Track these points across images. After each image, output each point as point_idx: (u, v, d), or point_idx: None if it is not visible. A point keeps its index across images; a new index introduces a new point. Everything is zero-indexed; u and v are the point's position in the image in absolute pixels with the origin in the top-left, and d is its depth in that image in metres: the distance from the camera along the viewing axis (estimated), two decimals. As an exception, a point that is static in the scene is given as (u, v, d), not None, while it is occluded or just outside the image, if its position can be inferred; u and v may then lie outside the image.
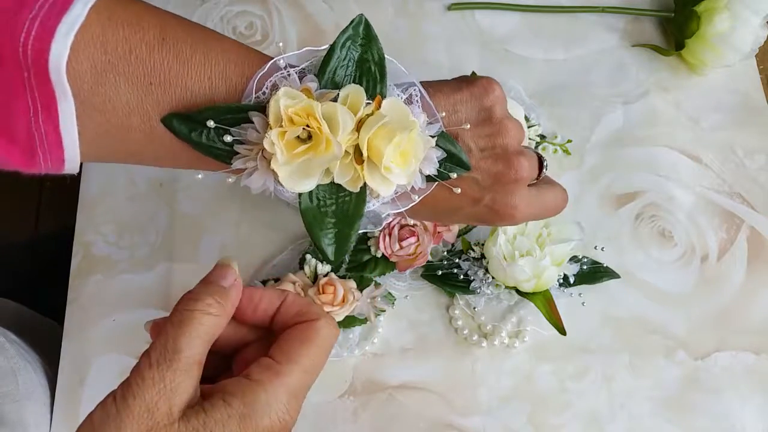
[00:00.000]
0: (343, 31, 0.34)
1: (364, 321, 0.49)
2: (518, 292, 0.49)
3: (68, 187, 0.49)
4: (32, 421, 0.47)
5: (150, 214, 0.53)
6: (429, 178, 0.35)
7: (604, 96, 0.58)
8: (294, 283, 0.47)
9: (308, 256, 0.49)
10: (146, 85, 0.31)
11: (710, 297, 0.52)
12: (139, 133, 0.32)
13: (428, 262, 0.50)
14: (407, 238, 0.48)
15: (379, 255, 0.49)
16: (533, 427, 0.48)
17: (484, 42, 0.59)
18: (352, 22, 0.34)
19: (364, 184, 0.33)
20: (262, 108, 0.32)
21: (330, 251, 0.34)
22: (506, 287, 0.49)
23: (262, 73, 0.33)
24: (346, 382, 0.49)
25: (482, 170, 0.37)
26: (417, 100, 0.34)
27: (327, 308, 0.46)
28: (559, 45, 0.60)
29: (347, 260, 0.50)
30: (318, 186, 0.33)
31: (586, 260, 0.51)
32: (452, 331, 0.51)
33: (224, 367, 0.35)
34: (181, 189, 0.54)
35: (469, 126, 0.36)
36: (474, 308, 0.50)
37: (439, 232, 0.49)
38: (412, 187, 0.34)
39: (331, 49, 0.33)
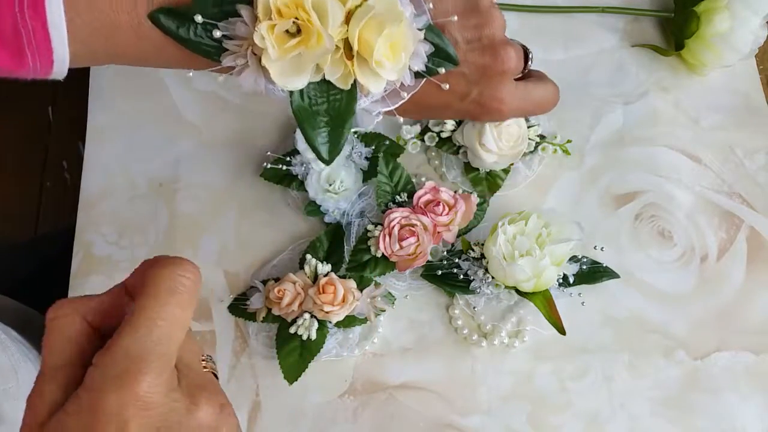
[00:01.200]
0: None
1: (364, 321, 0.49)
2: (518, 292, 0.49)
3: (69, 187, 0.49)
4: None
5: (150, 214, 0.53)
6: (417, 75, 0.34)
7: (604, 96, 0.58)
8: (294, 283, 0.47)
9: (308, 256, 0.49)
10: None
11: (710, 297, 0.52)
12: (128, 30, 0.31)
13: (428, 262, 0.50)
14: (407, 238, 0.48)
15: (379, 255, 0.49)
16: (533, 427, 0.48)
17: (484, 42, 0.59)
18: None
19: (355, 80, 0.33)
20: (250, 1, 0.31)
21: (324, 150, 0.33)
22: (506, 287, 0.49)
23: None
24: (346, 382, 0.49)
25: (469, 63, 0.36)
26: None
27: (327, 308, 0.46)
28: (558, 45, 0.60)
29: (347, 260, 0.50)
30: (309, 84, 0.32)
31: (585, 260, 0.51)
32: (452, 331, 0.51)
33: None
34: (181, 189, 0.54)
35: (456, 18, 0.35)
36: (474, 308, 0.50)
37: (438, 232, 0.49)
38: (402, 83, 0.34)
39: None
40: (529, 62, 0.40)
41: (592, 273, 0.51)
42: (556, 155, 0.55)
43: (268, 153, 0.52)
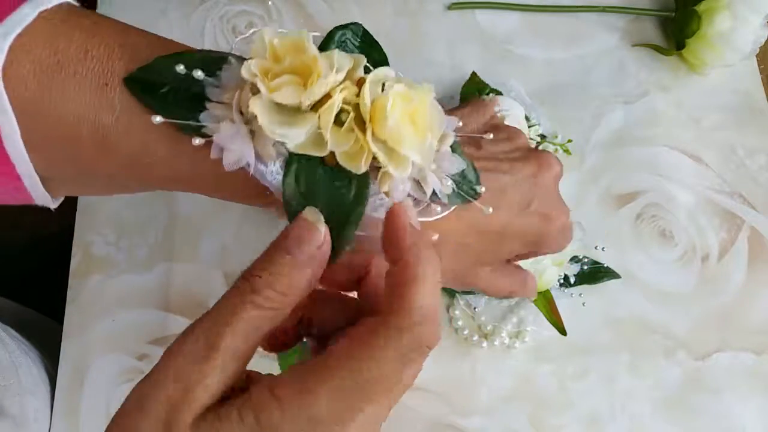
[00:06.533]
0: (338, 27, 0.30)
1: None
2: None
3: (68, 187, 0.49)
4: (33, 415, 0.47)
5: (150, 215, 0.53)
6: (451, 200, 0.30)
7: (605, 96, 0.58)
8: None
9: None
10: (100, 87, 0.26)
11: (711, 297, 0.52)
12: (91, 144, 0.27)
13: (428, 262, 0.50)
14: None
15: (379, 255, 0.49)
16: (533, 428, 0.48)
17: (484, 42, 0.59)
18: (349, 23, 0.30)
19: (368, 173, 0.26)
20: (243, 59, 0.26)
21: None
22: (506, 287, 0.49)
23: (244, 36, 0.29)
24: (346, 382, 0.49)
25: (517, 172, 0.34)
26: None
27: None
28: (559, 45, 0.60)
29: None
30: (306, 161, 0.26)
31: (586, 260, 0.51)
32: (452, 332, 0.50)
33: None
34: (180, 189, 0.54)
35: (492, 136, 0.33)
36: (474, 308, 0.50)
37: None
38: (433, 196, 0.29)
39: (328, 38, 0.29)
40: None
41: (593, 273, 0.51)
42: (557, 155, 0.55)
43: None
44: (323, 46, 0.29)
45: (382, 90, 0.26)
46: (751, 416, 0.49)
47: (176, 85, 0.26)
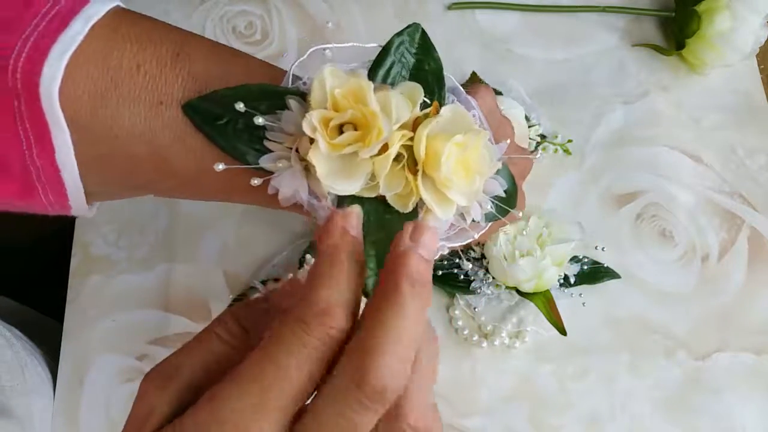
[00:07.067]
0: (397, 35, 0.30)
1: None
2: (519, 292, 0.49)
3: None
4: (38, 415, 0.47)
5: (150, 214, 0.53)
6: (487, 218, 0.30)
7: (605, 96, 0.58)
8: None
9: (308, 256, 0.49)
10: (155, 106, 0.26)
11: (711, 297, 0.52)
12: (148, 162, 0.27)
13: (428, 262, 0.50)
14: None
15: (379, 255, 0.49)
16: (533, 428, 0.48)
17: (484, 42, 0.59)
18: (407, 27, 0.30)
19: (416, 206, 0.27)
20: (302, 95, 0.27)
21: (369, 283, 0.27)
22: (506, 287, 0.49)
23: (302, 59, 0.28)
24: (346, 382, 0.49)
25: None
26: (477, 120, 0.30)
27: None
28: (559, 45, 0.60)
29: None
30: (358, 200, 0.27)
31: (586, 260, 0.51)
32: (452, 332, 0.50)
33: None
34: (180, 189, 0.54)
35: (539, 156, 0.34)
36: (474, 308, 0.50)
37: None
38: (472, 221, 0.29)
39: (384, 51, 0.29)
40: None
41: (593, 273, 0.51)
42: (557, 155, 0.55)
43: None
44: (381, 58, 0.29)
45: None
46: (751, 416, 0.49)
47: (235, 117, 0.26)
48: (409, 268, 0.22)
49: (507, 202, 0.31)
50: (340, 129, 0.26)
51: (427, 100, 0.28)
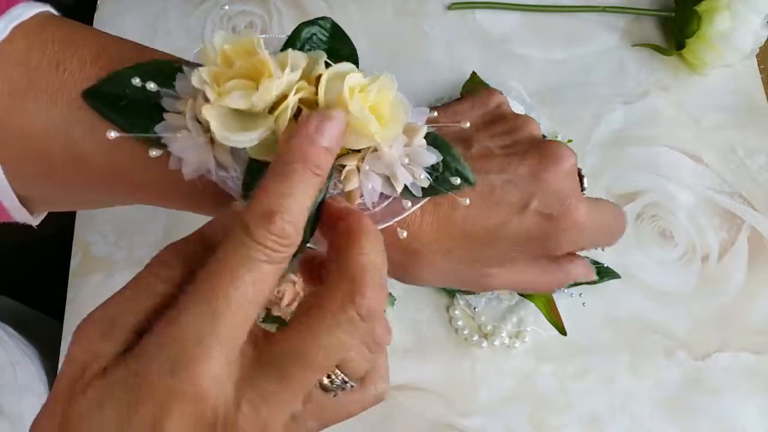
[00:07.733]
0: (304, 23, 0.29)
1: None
2: (518, 292, 0.49)
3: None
4: (30, 413, 0.47)
5: (150, 214, 0.53)
6: (426, 193, 0.28)
7: (605, 96, 0.58)
8: (293, 283, 0.47)
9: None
10: (71, 101, 0.26)
11: (711, 297, 0.52)
12: (63, 159, 0.27)
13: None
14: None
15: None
16: (533, 428, 0.48)
17: (484, 42, 0.59)
18: (317, 18, 0.30)
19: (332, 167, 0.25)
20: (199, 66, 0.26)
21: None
22: (506, 287, 0.49)
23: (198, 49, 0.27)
24: (346, 382, 0.49)
25: (513, 170, 0.31)
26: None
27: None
28: (559, 45, 0.60)
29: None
30: (266, 165, 0.24)
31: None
32: (452, 332, 0.50)
33: None
34: (180, 189, 0.54)
35: (468, 124, 0.31)
36: (474, 308, 0.50)
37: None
38: (406, 192, 0.27)
39: (292, 37, 0.28)
40: (584, 178, 0.34)
41: (592, 273, 0.51)
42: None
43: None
44: (288, 45, 0.28)
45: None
46: (751, 416, 0.49)
47: (136, 97, 0.26)
48: (310, 157, 0.22)
49: (449, 170, 0.29)
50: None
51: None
